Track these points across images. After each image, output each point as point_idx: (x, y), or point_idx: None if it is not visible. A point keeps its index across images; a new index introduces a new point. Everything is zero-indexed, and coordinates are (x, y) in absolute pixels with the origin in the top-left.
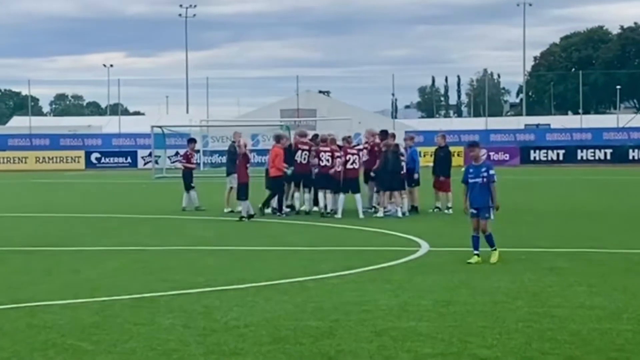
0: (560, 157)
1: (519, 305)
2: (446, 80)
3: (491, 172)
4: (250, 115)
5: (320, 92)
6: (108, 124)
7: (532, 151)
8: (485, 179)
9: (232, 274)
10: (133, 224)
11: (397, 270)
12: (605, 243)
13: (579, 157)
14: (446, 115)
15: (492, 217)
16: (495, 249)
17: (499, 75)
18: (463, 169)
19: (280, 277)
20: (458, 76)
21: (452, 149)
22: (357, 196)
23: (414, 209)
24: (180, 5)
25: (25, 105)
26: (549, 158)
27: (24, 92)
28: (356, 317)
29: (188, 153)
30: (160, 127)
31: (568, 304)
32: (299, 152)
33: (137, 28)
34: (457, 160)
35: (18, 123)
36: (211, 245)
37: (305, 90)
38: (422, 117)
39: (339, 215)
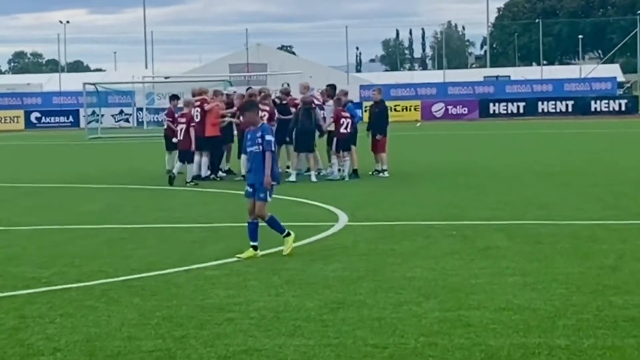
0: (521, 110)
1: (428, 308)
2: (410, 33)
3: (267, 137)
4: (197, 71)
5: (282, 47)
6: (49, 82)
7: (491, 104)
8: (260, 146)
9: (90, 265)
10: (24, 195)
11: (295, 255)
12: (553, 212)
13: (539, 110)
14: (411, 69)
15: (268, 198)
16: (288, 234)
17: (463, 28)
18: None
19: (147, 268)
20: (422, 29)
21: (409, 103)
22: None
23: (353, 172)
24: None
25: None
26: (509, 111)
27: None
28: (210, 332)
29: (172, 110)
30: (93, 84)
31: (492, 304)
32: None
33: None
34: (413, 115)
35: None
36: (91, 224)
37: (256, 43)
38: (387, 70)
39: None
